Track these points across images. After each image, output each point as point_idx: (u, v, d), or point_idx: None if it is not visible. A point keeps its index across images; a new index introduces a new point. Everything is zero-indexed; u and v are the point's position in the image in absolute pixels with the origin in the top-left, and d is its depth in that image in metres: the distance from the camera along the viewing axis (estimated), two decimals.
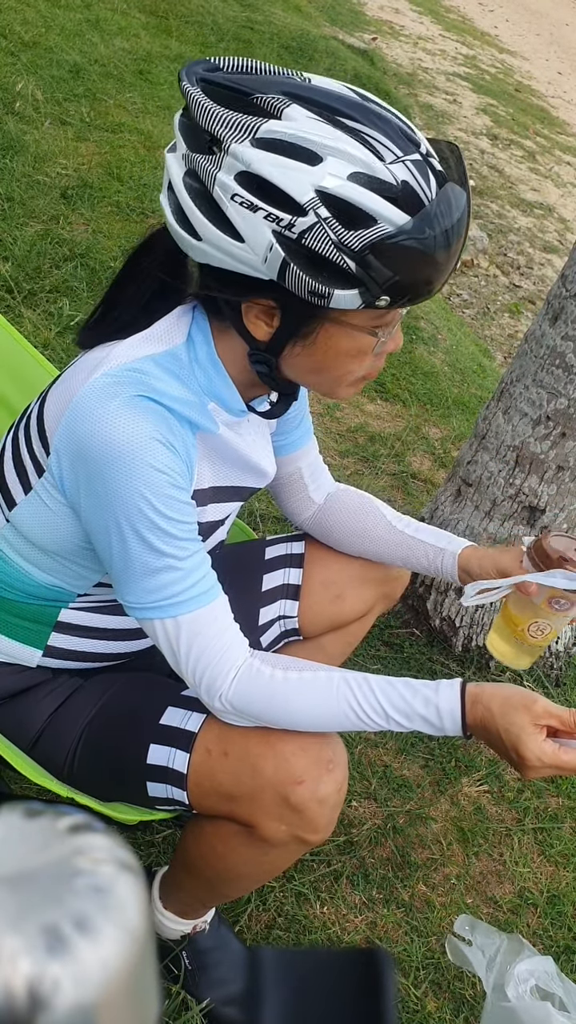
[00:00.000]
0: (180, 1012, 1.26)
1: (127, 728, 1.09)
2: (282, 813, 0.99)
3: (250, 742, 1.01)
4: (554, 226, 6.32)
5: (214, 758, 1.02)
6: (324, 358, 0.94)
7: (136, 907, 0.30)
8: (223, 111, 0.82)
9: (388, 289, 0.85)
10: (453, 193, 0.85)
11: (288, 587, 1.33)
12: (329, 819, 1.01)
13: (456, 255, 0.87)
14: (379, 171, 0.82)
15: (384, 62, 7.49)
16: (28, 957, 0.28)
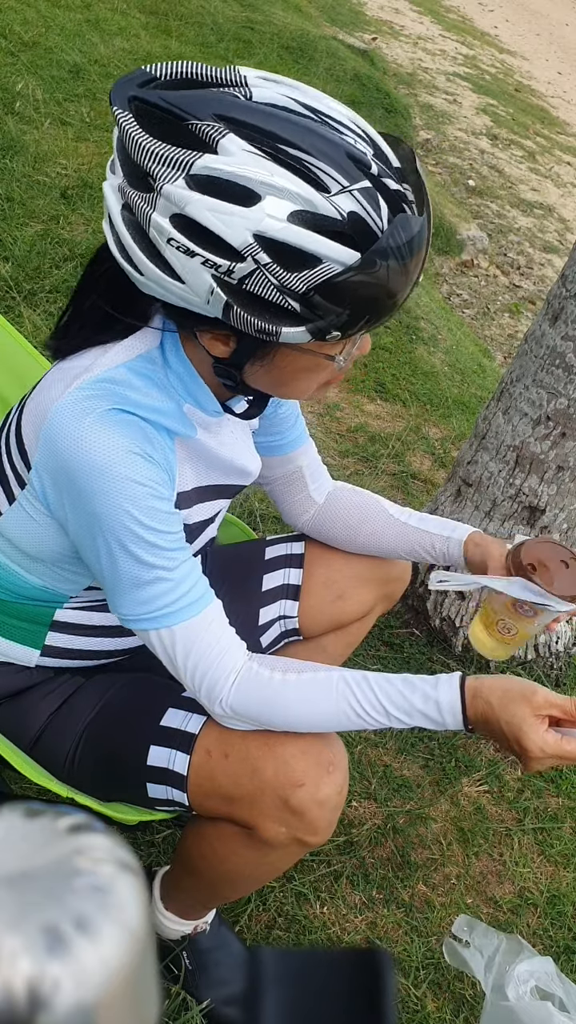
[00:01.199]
0: (180, 1012, 1.26)
1: (127, 729, 1.09)
2: (282, 815, 0.99)
3: (250, 744, 1.01)
4: (554, 226, 6.32)
5: (214, 760, 1.02)
6: (283, 375, 0.92)
7: (136, 907, 0.30)
8: (155, 144, 0.77)
9: (338, 326, 0.82)
10: (407, 221, 0.79)
11: (288, 587, 1.33)
12: (329, 821, 1.01)
13: (416, 275, 0.83)
14: (322, 207, 0.77)
15: (384, 62, 7.49)
16: (28, 957, 0.28)
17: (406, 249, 0.79)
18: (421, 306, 3.46)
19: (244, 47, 5.53)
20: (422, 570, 2.02)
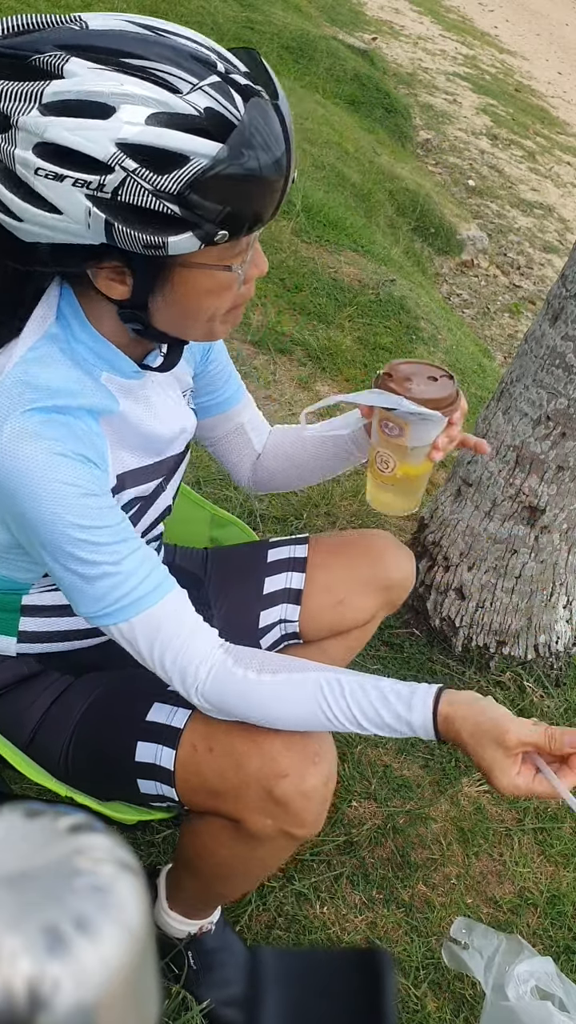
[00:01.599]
0: (180, 1012, 1.26)
1: (114, 726, 1.09)
2: (267, 807, 0.99)
3: (235, 738, 1.01)
4: (554, 226, 6.32)
5: (200, 754, 1.02)
6: (188, 302, 0.91)
7: (136, 907, 0.30)
8: (3, 84, 0.78)
9: (222, 223, 0.81)
10: (261, 105, 0.80)
11: (290, 591, 1.32)
12: (317, 813, 1.01)
13: (287, 166, 0.83)
14: (177, 106, 0.78)
15: (384, 62, 7.49)
16: (28, 957, 0.28)
17: (268, 133, 0.80)
18: (421, 306, 3.46)
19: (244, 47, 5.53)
20: (422, 571, 2.02)
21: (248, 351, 2.75)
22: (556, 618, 1.97)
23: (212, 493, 2.18)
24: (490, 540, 1.90)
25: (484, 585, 1.92)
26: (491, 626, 1.95)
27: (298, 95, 5.15)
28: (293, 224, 3.49)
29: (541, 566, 1.90)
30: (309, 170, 4.19)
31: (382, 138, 5.84)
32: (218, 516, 1.50)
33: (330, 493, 2.34)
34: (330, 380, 2.79)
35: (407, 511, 1.18)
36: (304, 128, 4.72)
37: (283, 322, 2.93)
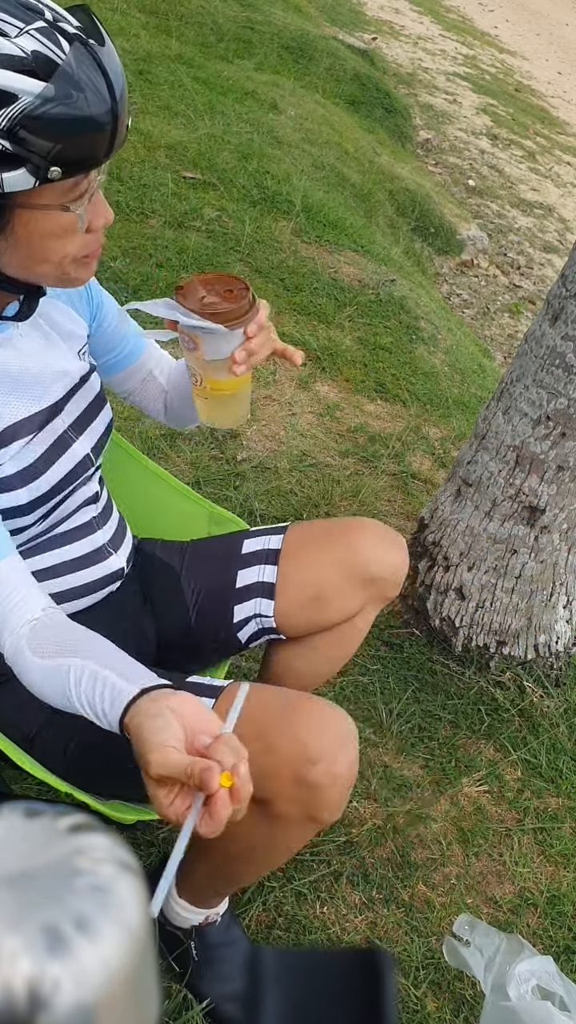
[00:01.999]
0: (181, 1011, 1.26)
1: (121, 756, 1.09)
2: (297, 792, 1.01)
3: (263, 723, 1.02)
4: (554, 226, 6.32)
5: None
6: (32, 246, 0.93)
7: (136, 907, 0.30)
8: None
9: (55, 159, 0.85)
10: (85, 49, 0.85)
11: (263, 585, 1.30)
12: (341, 798, 1.03)
13: (117, 110, 0.87)
14: (5, 47, 0.82)
15: (384, 62, 7.49)
16: (28, 957, 0.28)
17: (94, 72, 0.85)
18: (421, 306, 3.46)
19: (244, 47, 5.52)
20: (422, 571, 2.02)
21: None
22: (556, 618, 1.97)
23: (212, 493, 2.18)
24: (490, 540, 1.90)
25: (484, 585, 1.92)
26: (491, 626, 1.95)
27: (298, 95, 5.15)
28: (293, 224, 3.49)
29: (541, 566, 1.90)
30: (309, 170, 4.19)
31: (382, 138, 5.84)
32: (216, 514, 1.50)
33: (330, 493, 2.34)
34: (330, 380, 2.79)
35: (229, 426, 1.16)
36: (304, 128, 4.72)
37: (283, 322, 2.93)
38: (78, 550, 1.18)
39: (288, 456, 2.42)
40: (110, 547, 1.22)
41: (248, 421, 2.48)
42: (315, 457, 2.46)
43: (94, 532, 1.20)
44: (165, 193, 3.32)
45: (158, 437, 2.30)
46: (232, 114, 4.31)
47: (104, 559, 1.21)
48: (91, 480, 1.19)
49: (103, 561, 1.20)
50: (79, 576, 1.18)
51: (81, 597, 1.19)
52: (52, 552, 1.15)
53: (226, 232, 3.24)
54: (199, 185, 3.51)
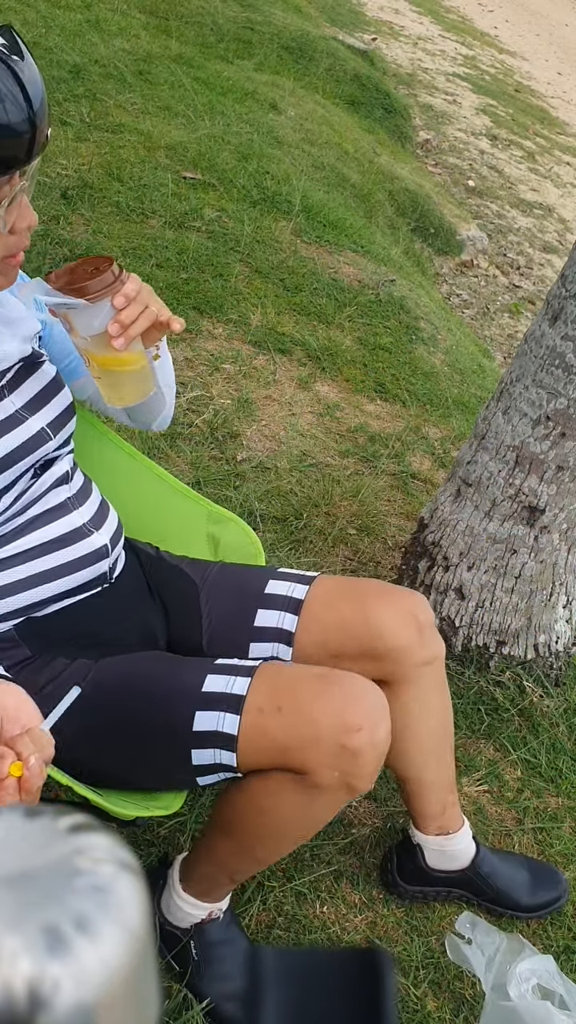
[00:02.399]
0: (181, 1011, 1.26)
1: (165, 700, 1.13)
2: (338, 761, 1.05)
3: (302, 695, 1.08)
4: (554, 226, 6.32)
5: (267, 715, 1.08)
6: None
7: (136, 906, 0.30)
8: None
9: None
10: (5, 64, 0.92)
11: (282, 632, 1.29)
12: (377, 766, 1.09)
13: (35, 118, 0.95)
14: None
15: (384, 62, 7.49)
16: (28, 957, 0.28)
17: (10, 86, 0.93)
18: (421, 306, 3.46)
19: (244, 47, 5.52)
20: (422, 571, 2.02)
21: (248, 351, 2.75)
22: (556, 618, 1.97)
23: (212, 493, 2.18)
24: (490, 540, 1.90)
25: (484, 585, 1.92)
26: (491, 626, 1.95)
27: (298, 95, 5.15)
28: (293, 224, 3.49)
29: (541, 566, 1.90)
30: (309, 170, 4.19)
31: (382, 138, 5.84)
32: (214, 512, 1.50)
33: (330, 493, 2.34)
34: (330, 380, 2.80)
35: (131, 403, 1.17)
36: (304, 128, 4.72)
37: (283, 322, 2.93)
38: (55, 531, 1.19)
39: (288, 456, 2.42)
40: (90, 526, 1.23)
41: (248, 421, 2.49)
42: (315, 457, 2.46)
43: (69, 513, 1.21)
44: (165, 193, 3.32)
45: (158, 437, 2.30)
46: (232, 114, 4.31)
47: (85, 537, 1.21)
48: (59, 460, 1.21)
49: (84, 539, 1.21)
50: (60, 555, 1.19)
51: (66, 575, 1.20)
52: (28, 536, 1.17)
53: (226, 232, 3.24)
54: (199, 185, 3.51)
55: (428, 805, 1.43)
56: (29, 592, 1.18)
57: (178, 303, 2.79)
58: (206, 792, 1.56)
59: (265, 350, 2.78)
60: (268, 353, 2.77)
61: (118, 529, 1.29)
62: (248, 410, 2.53)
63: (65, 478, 1.22)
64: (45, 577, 1.18)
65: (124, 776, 1.17)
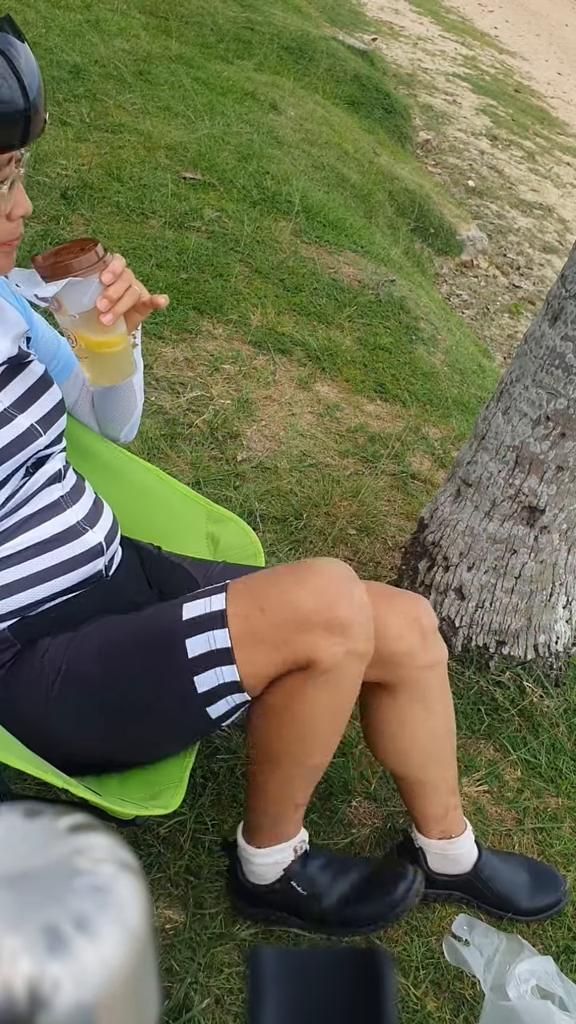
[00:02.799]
0: (181, 1012, 1.26)
1: (154, 643, 1.15)
2: (333, 636, 1.09)
3: (278, 589, 1.11)
4: (554, 226, 6.32)
5: (252, 619, 1.10)
6: None
7: (136, 906, 0.30)
8: None
9: None
10: (10, 44, 0.96)
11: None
12: (369, 624, 1.13)
13: (31, 103, 0.98)
14: None
15: (384, 62, 7.49)
16: (28, 957, 0.28)
17: (5, 71, 0.95)
18: (421, 306, 3.46)
19: (244, 47, 5.52)
20: (422, 571, 2.02)
21: (248, 351, 2.75)
22: (556, 618, 1.97)
23: (212, 493, 2.18)
24: (490, 540, 1.90)
25: (484, 585, 1.92)
26: (491, 626, 1.95)
27: (298, 96, 5.15)
28: (293, 224, 3.50)
29: (541, 566, 1.90)
30: (309, 171, 4.19)
31: (382, 138, 5.84)
32: (214, 512, 1.50)
33: (330, 493, 2.34)
34: (330, 380, 2.80)
35: (115, 382, 1.21)
36: (304, 128, 4.72)
37: (283, 322, 2.93)
38: (49, 530, 1.19)
39: (288, 456, 2.42)
40: (84, 524, 1.23)
41: (248, 421, 2.49)
42: (315, 457, 2.46)
43: (63, 511, 1.21)
44: (165, 193, 3.32)
45: (158, 437, 2.30)
46: (232, 114, 4.31)
47: (79, 536, 1.22)
48: (51, 459, 1.22)
49: (79, 538, 1.22)
50: (55, 555, 1.19)
51: (61, 575, 1.21)
52: (21, 536, 1.17)
53: (226, 232, 3.24)
54: (199, 185, 3.51)
55: (430, 807, 1.43)
56: (25, 593, 1.18)
57: (178, 303, 2.79)
58: (206, 792, 1.56)
59: (265, 350, 2.78)
60: (268, 353, 2.77)
61: (113, 527, 1.29)
62: (248, 410, 2.53)
63: (57, 476, 1.22)
64: (40, 578, 1.18)
65: (139, 742, 1.18)
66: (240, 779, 1.60)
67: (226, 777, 1.60)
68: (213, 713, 1.14)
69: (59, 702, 1.15)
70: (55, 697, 1.15)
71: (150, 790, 1.23)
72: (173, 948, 1.35)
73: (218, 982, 1.33)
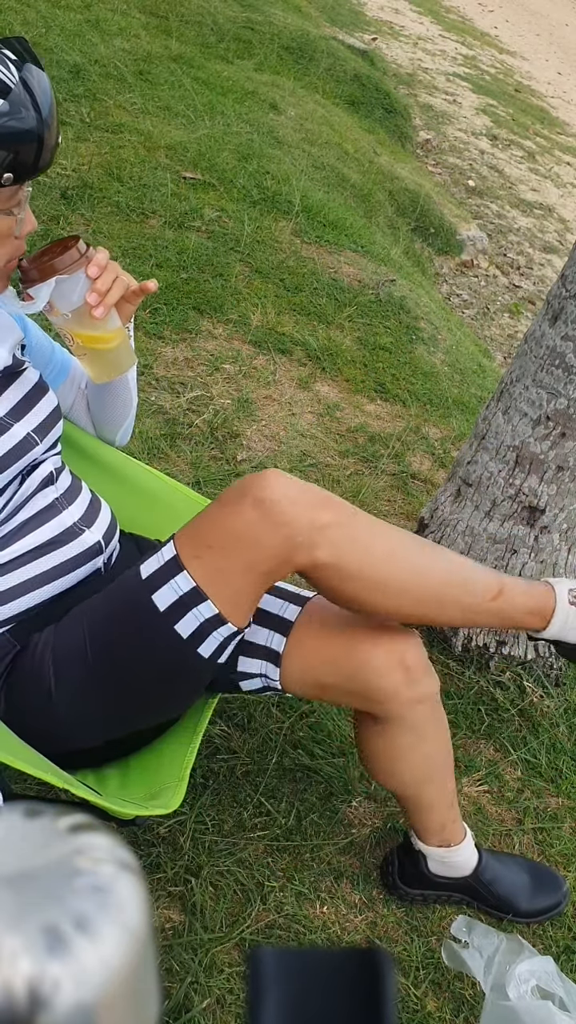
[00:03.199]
0: (181, 1012, 1.26)
1: (123, 614, 1.15)
2: (281, 535, 1.08)
3: (215, 521, 1.11)
4: (554, 226, 6.32)
5: (205, 557, 1.10)
6: None
7: (136, 906, 0.30)
8: None
9: (8, 167, 0.99)
10: (32, 73, 1.00)
11: (271, 651, 1.27)
12: (300, 497, 1.10)
13: (55, 126, 1.03)
14: None
15: (384, 62, 7.49)
16: (28, 957, 0.28)
17: (39, 95, 1.00)
18: (421, 306, 3.46)
19: (244, 47, 5.52)
20: None
21: (248, 351, 2.75)
22: None
23: (212, 493, 2.18)
24: (490, 540, 1.90)
25: None
26: None
27: (298, 95, 5.15)
28: (293, 224, 3.49)
29: (541, 566, 1.90)
30: (309, 170, 4.19)
31: (382, 138, 5.84)
32: None
33: None
34: (330, 380, 2.80)
35: (111, 378, 1.25)
36: (304, 128, 4.72)
37: (283, 322, 2.93)
38: (47, 533, 1.19)
39: (288, 456, 2.42)
40: (81, 524, 1.23)
41: (248, 421, 2.49)
42: (315, 457, 2.46)
43: (59, 513, 1.21)
44: (165, 193, 3.32)
45: (158, 437, 2.30)
46: (232, 114, 4.31)
47: (77, 536, 1.22)
48: (45, 462, 1.22)
49: (76, 539, 1.22)
50: (54, 557, 1.20)
51: (60, 577, 1.21)
52: (20, 541, 1.17)
53: (226, 232, 3.24)
54: (199, 185, 3.51)
55: (427, 821, 1.42)
56: (27, 597, 1.18)
57: (178, 303, 2.79)
58: (206, 792, 1.56)
59: (265, 350, 2.78)
60: (268, 353, 2.77)
61: (111, 525, 1.29)
62: (248, 410, 2.53)
63: (50, 479, 1.22)
64: (40, 581, 1.18)
65: (146, 707, 1.20)
66: (240, 779, 1.60)
67: (226, 777, 1.60)
68: (205, 652, 1.13)
69: (58, 689, 1.16)
70: (54, 685, 1.16)
71: (150, 790, 1.23)
72: (173, 948, 1.35)
73: (218, 982, 1.33)
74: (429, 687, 1.26)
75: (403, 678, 1.22)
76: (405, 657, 1.22)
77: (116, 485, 1.46)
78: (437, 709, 1.31)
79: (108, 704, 1.18)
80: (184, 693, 1.23)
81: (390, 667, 1.21)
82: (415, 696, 1.24)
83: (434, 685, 1.27)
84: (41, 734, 1.16)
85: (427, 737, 1.31)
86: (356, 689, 1.24)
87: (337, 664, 1.23)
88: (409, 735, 1.29)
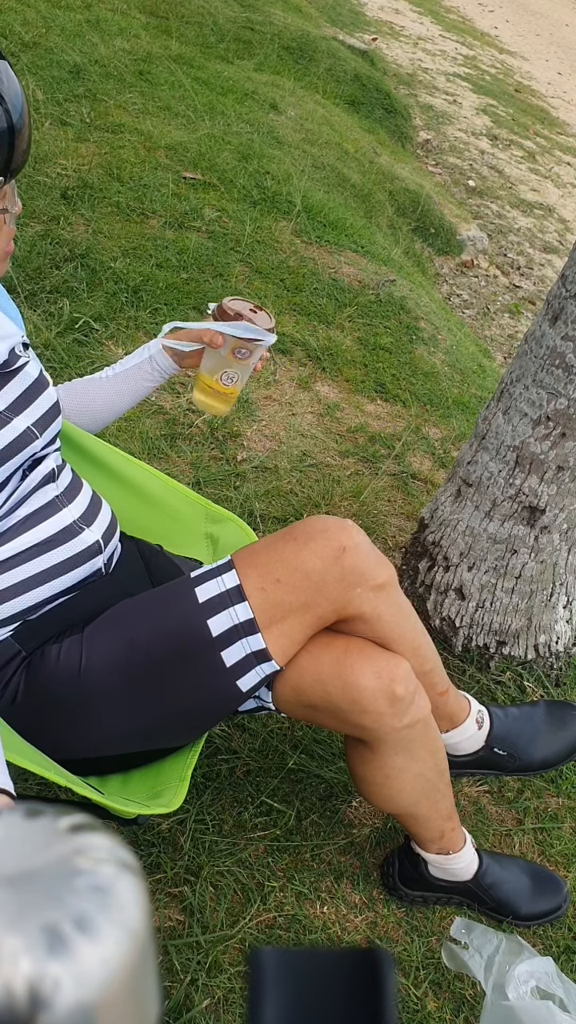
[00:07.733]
0: (181, 1011, 1.26)
1: (176, 629, 1.16)
2: (346, 584, 1.17)
3: (285, 557, 1.16)
4: (554, 226, 6.31)
5: (270, 591, 1.14)
6: None
7: (136, 906, 0.30)
8: None
9: None
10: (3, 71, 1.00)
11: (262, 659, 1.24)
12: (371, 553, 1.21)
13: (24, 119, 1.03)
14: None
15: (384, 62, 7.49)
16: (29, 957, 0.28)
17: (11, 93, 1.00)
18: (421, 306, 3.46)
19: (244, 47, 5.52)
20: (422, 571, 2.02)
21: None
22: (556, 618, 1.97)
23: (212, 493, 2.18)
24: (490, 540, 1.90)
25: (484, 585, 1.92)
26: (491, 626, 1.95)
27: (298, 95, 5.15)
28: (293, 224, 3.49)
29: (541, 566, 1.90)
30: (309, 170, 4.19)
31: (382, 138, 5.84)
32: (212, 511, 1.50)
33: (330, 493, 2.34)
34: (330, 380, 2.79)
35: (227, 413, 1.49)
36: (304, 128, 4.72)
37: (283, 322, 2.93)
38: (46, 531, 1.19)
39: (288, 456, 2.42)
40: (81, 523, 1.23)
41: (248, 421, 2.49)
42: (315, 457, 2.46)
43: (59, 511, 1.21)
44: (165, 193, 3.32)
45: (158, 437, 2.30)
46: (232, 114, 4.31)
47: (76, 535, 1.22)
48: (45, 459, 1.22)
49: (76, 537, 1.22)
50: (53, 555, 1.19)
51: (60, 576, 1.20)
52: (19, 538, 1.17)
53: (226, 232, 3.24)
54: (199, 185, 3.51)
55: (424, 832, 1.42)
56: (26, 596, 1.18)
57: (178, 303, 2.79)
58: (207, 791, 1.56)
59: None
60: (268, 353, 2.77)
61: (111, 524, 1.29)
62: (248, 410, 2.53)
63: (51, 476, 1.22)
64: (40, 579, 1.18)
65: (176, 724, 1.21)
66: (240, 779, 1.60)
67: (226, 777, 1.60)
68: (244, 686, 1.16)
69: (87, 700, 1.16)
70: (81, 697, 1.15)
71: (152, 789, 1.23)
72: (173, 948, 1.35)
73: (218, 982, 1.33)
74: (419, 711, 1.24)
75: (387, 707, 1.20)
76: (395, 687, 1.20)
77: (116, 485, 1.46)
78: (428, 729, 1.28)
79: (135, 718, 1.17)
80: (211, 721, 1.24)
81: (377, 692, 1.19)
82: (405, 722, 1.23)
83: (424, 708, 1.25)
84: (52, 743, 1.15)
85: (419, 757, 1.29)
86: (344, 713, 1.22)
87: (327, 685, 1.20)
88: (401, 757, 1.28)
